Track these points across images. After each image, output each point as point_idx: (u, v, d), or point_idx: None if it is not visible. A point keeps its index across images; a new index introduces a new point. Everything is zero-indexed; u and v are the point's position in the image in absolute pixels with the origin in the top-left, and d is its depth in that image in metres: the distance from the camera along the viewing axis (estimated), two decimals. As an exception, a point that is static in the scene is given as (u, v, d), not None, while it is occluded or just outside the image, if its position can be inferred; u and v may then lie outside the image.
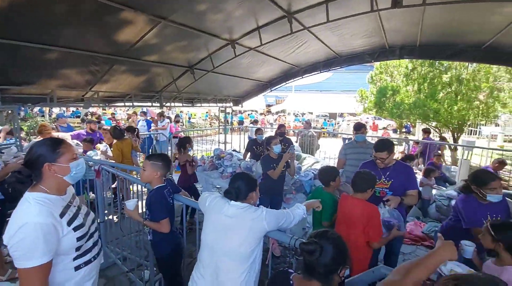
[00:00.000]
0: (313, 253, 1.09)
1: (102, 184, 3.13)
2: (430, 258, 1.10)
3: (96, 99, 4.63)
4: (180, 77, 5.21)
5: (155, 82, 5.28)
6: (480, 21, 3.60)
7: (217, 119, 17.11)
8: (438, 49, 4.95)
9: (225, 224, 1.56)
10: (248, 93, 7.83)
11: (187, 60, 4.76)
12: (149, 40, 3.54)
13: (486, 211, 2.13)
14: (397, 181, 2.54)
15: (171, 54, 4.34)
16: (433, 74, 8.35)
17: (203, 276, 1.61)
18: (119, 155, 4.39)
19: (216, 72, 5.33)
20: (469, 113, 8.20)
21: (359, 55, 5.61)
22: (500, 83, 8.22)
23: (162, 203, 2.00)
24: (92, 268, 1.41)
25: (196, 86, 5.93)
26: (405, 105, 8.66)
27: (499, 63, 4.85)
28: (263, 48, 4.69)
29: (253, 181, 1.71)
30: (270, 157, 3.41)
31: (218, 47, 4.48)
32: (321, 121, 20.33)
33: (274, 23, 3.79)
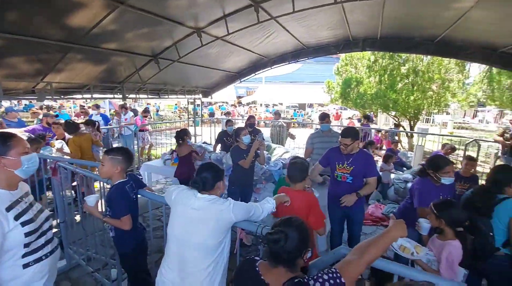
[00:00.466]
0: (279, 241, 1.11)
1: (60, 183, 2.92)
2: (383, 237, 1.21)
3: (49, 90, 4.22)
4: (144, 66, 4.94)
5: (116, 72, 4.95)
6: (433, 15, 3.87)
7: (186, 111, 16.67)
8: (396, 42, 5.25)
9: (192, 216, 1.54)
10: (217, 84, 7.69)
11: (150, 49, 4.53)
12: (107, 26, 3.29)
13: (438, 192, 2.36)
14: (358, 168, 2.70)
15: (133, 42, 4.09)
16: (393, 66, 8.89)
17: (171, 269, 1.60)
18: (77, 151, 4.10)
19: (182, 62, 5.14)
20: (424, 102, 8.90)
21: (325, 46, 5.77)
22: (450, 75, 8.99)
23: (122, 199, 1.94)
24: (44, 266, 1.36)
25: (162, 77, 5.69)
26: (367, 95, 9.15)
27: (449, 56, 5.29)
28: (231, 37, 4.61)
29: (219, 171, 1.70)
30: (239, 148, 3.43)
31: (183, 35, 4.30)
32: (291, 111, 20.73)
33: (241, 11, 3.73)
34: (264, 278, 1.14)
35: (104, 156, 1.99)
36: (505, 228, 2.01)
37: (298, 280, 1.07)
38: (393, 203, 5.00)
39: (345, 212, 2.85)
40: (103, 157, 2.00)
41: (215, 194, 1.62)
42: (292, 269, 1.14)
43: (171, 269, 1.60)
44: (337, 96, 10.79)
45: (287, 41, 5.34)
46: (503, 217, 2.00)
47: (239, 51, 5.49)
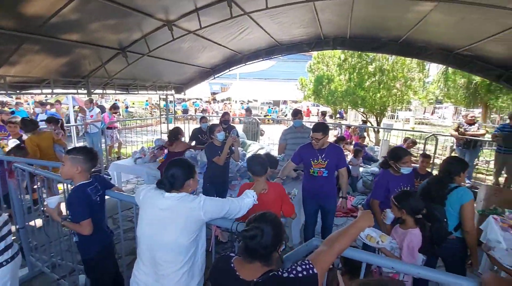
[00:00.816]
0: (255, 237, 1.12)
1: (18, 185, 2.68)
2: (352, 228, 1.28)
3: (2, 85, 3.85)
4: (110, 60, 4.68)
5: (80, 65, 4.63)
6: (397, 17, 4.10)
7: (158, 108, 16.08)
8: (364, 41, 5.50)
9: (160, 217, 1.48)
10: (191, 80, 7.51)
11: (117, 42, 4.29)
12: (67, 15, 3.05)
13: (399, 182, 2.54)
14: (331, 161, 2.82)
15: (98, 34, 3.84)
16: (361, 65, 9.32)
17: (144, 271, 1.55)
18: (36, 150, 3.78)
19: (153, 56, 4.94)
20: (389, 100, 9.45)
21: (298, 44, 5.87)
22: (412, 74, 9.63)
23: (82, 202, 1.82)
24: (5, 273, 1.25)
25: (131, 71, 5.42)
26: (338, 93, 9.51)
27: (411, 56, 5.63)
28: (204, 32, 4.52)
29: (190, 167, 1.59)
30: (214, 145, 3.40)
31: (153, 28, 4.13)
32: (265, 108, 20.89)
33: (214, 6, 3.66)
34: (240, 274, 1.15)
35: (64, 156, 1.88)
36: (456, 214, 2.21)
37: (272, 273, 1.10)
38: (361, 195, 5.28)
39: (320, 204, 3.00)
40: (64, 156, 1.89)
41: (185, 191, 1.56)
42: (268, 263, 1.15)
43: (144, 271, 1.55)
44: (310, 93, 11.08)
45: (260, 37, 5.35)
46: (455, 204, 2.20)
47: (212, 46, 5.40)
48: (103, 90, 5.75)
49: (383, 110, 9.99)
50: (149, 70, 5.89)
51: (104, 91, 5.87)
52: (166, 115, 7.31)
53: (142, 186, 1.71)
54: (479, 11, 3.11)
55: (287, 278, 1.07)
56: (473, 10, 3.16)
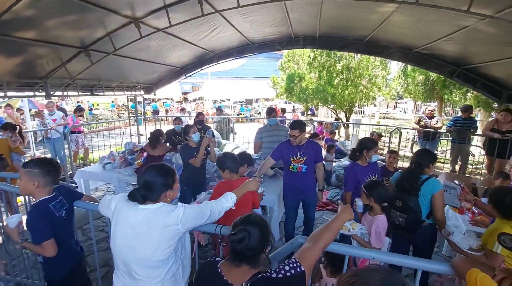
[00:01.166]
0: (243, 240, 1.11)
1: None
2: (334, 223, 1.33)
3: None
4: (72, 60, 4.33)
5: (37, 66, 4.23)
6: (362, 18, 4.30)
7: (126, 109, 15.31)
8: (333, 40, 5.71)
9: (133, 232, 1.36)
10: (160, 79, 7.23)
11: (79, 40, 3.99)
12: (21, 11, 2.77)
13: (366, 172, 2.75)
14: (309, 157, 2.93)
15: (56, 31, 3.54)
16: (330, 63, 9.66)
17: (123, 282, 1.46)
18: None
19: (119, 55, 4.67)
20: (356, 96, 9.92)
21: (270, 43, 5.92)
22: (376, 71, 10.19)
23: (43, 221, 1.63)
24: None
25: (95, 71, 5.08)
26: (309, 90, 9.78)
27: (375, 54, 5.96)
28: (173, 30, 4.37)
29: (169, 176, 1.43)
30: (189, 146, 3.32)
31: (118, 25, 3.89)
32: (238, 107, 20.82)
33: (184, 2, 3.55)
34: (227, 278, 1.13)
35: (20, 170, 1.70)
36: (428, 203, 2.39)
37: (261, 275, 1.09)
38: (335, 188, 5.49)
39: (301, 198, 3.10)
40: (20, 170, 1.71)
41: (163, 201, 1.43)
42: (255, 265, 1.14)
43: (123, 282, 1.46)
44: (282, 91, 11.25)
45: (232, 36, 5.31)
46: (427, 194, 2.37)
47: (183, 45, 5.25)
48: (65, 91, 5.32)
49: (351, 106, 10.47)
50: (115, 70, 5.57)
51: (66, 93, 5.43)
52: (135, 116, 6.96)
53: (107, 196, 1.61)
54: (436, 13, 3.37)
55: (276, 279, 1.08)
56: (430, 12, 3.41)
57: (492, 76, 5.18)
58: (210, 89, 19.32)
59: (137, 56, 5.12)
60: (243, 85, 21.17)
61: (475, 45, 4.15)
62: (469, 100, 8.93)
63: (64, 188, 1.88)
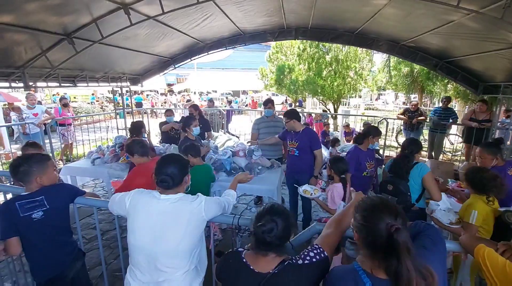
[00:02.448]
0: (272, 230, 1.13)
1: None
2: (350, 208, 1.36)
3: None
4: (53, 47, 4.06)
5: (13, 54, 3.93)
6: (355, 10, 4.34)
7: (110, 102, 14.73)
8: (324, 32, 5.73)
9: (157, 223, 1.38)
10: (148, 70, 6.98)
11: (62, 26, 3.73)
12: (-2, -7, 2.56)
13: (365, 156, 3.08)
14: (302, 143, 3.30)
15: (36, 16, 3.28)
16: (319, 55, 9.73)
17: (141, 280, 1.44)
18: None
19: (105, 43, 4.44)
20: (344, 88, 10.10)
21: (262, 33, 5.85)
22: (362, 64, 10.39)
23: (2, 217, 1.59)
24: None
25: (79, 61, 4.82)
26: (299, 82, 9.83)
27: (365, 46, 6.06)
28: (164, 17, 4.20)
29: (186, 162, 1.59)
30: (188, 139, 3.26)
31: (106, 11, 3.67)
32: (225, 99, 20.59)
33: (178, -11, 3.42)
34: (254, 267, 1.14)
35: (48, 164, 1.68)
36: (418, 186, 2.58)
37: (287, 262, 1.12)
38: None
39: (295, 178, 3.42)
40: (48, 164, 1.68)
41: (180, 190, 1.49)
42: (281, 253, 1.17)
43: (141, 280, 1.44)
44: (272, 82, 11.22)
45: (224, 25, 5.19)
46: (416, 178, 2.57)
47: (172, 34, 5.06)
48: (44, 82, 5.00)
49: (339, 97, 10.65)
50: (100, 60, 5.30)
51: (46, 85, 5.12)
52: (123, 109, 6.70)
53: (116, 195, 1.57)
54: (425, 7, 3.46)
55: (303, 265, 1.11)
56: (420, 6, 3.50)
57: (471, 69, 5.46)
58: (196, 81, 18.93)
59: (124, 45, 4.90)
60: (230, 76, 20.90)
61: (458, 39, 4.34)
62: (449, 91, 9.35)
63: (54, 188, 1.73)
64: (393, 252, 0.91)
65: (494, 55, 4.19)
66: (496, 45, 3.89)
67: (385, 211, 0.99)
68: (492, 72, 5.16)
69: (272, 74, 11.28)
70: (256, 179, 3.74)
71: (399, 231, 0.92)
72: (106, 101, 16.49)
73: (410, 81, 10.02)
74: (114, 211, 1.56)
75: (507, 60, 4.20)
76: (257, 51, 21.07)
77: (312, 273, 1.11)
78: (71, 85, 5.76)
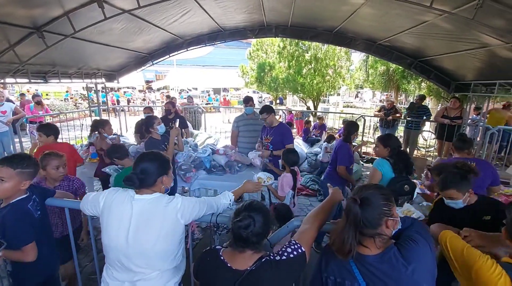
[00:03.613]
0: (249, 226, 1.13)
1: None
2: (327, 204, 1.41)
3: None
4: (22, 41, 3.81)
5: (-23, 48, 3.67)
6: (334, 9, 4.43)
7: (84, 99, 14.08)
8: (303, 30, 5.81)
9: (131, 224, 1.32)
10: (124, 66, 6.73)
11: (31, 19, 3.51)
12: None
13: (350, 152, 3.19)
14: (275, 137, 3.44)
15: (3, 9, 3.06)
16: (298, 53, 9.85)
17: (117, 278, 1.40)
18: None
19: (78, 38, 4.23)
20: (323, 86, 10.31)
21: (242, 30, 5.82)
22: (341, 62, 10.65)
23: (24, 223, 1.50)
24: None
25: (50, 56, 4.56)
26: (280, 80, 9.91)
27: (343, 45, 6.21)
28: (141, 12, 4.05)
29: (165, 162, 1.46)
30: (154, 139, 3.12)
31: (77, 4, 3.48)
32: (206, 96, 20.33)
33: (154, -17, 3.32)
34: (231, 265, 1.14)
35: (5, 171, 1.45)
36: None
37: (265, 259, 1.13)
38: (308, 174, 5.72)
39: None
40: (3, 171, 1.46)
41: (158, 190, 1.41)
42: (258, 250, 1.17)
43: (117, 278, 1.40)
44: (253, 80, 11.22)
45: (203, 21, 5.11)
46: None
47: (150, 29, 4.91)
48: (12, 78, 4.68)
49: (319, 95, 10.86)
50: (73, 55, 5.04)
51: (14, 81, 4.80)
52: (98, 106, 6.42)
53: (90, 193, 1.50)
54: (400, 7, 3.60)
55: (280, 261, 1.12)
56: (395, 6, 3.63)
57: (443, 68, 5.75)
58: (176, 78, 18.50)
59: (98, 39, 4.69)
60: (210, 74, 20.62)
61: (431, 39, 4.54)
62: (423, 89, 9.81)
63: (35, 187, 1.71)
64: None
65: (465, 55, 4.39)
66: (467, 45, 4.06)
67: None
68: (463, 71, 5.43)
69: (252, 72, 11.28)
70: (236, 177, 3.74)
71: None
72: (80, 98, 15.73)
73: (386, 80, 10.40)
74: (87, 211, 1.48)
75: (477, 59, 4.42)
76: (238, 48, 20.93)
77: (290, 268, 1.13)
78: (42, 81, 5.44)
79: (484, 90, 5.32)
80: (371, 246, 1.10)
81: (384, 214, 1.08)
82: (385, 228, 1.09)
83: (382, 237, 1.09)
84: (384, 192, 1.13)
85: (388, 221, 1.09)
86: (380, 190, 1.14)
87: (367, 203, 1.08)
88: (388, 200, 1.11)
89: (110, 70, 6.70)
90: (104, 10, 3.54)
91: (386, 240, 1.11)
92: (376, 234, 1.09)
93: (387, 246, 1.10)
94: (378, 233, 1.09)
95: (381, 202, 1.09)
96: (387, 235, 1.10)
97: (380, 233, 1.09)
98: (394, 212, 1.12)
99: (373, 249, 1.10)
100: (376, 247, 1.10)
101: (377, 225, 1.08)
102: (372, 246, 1.10)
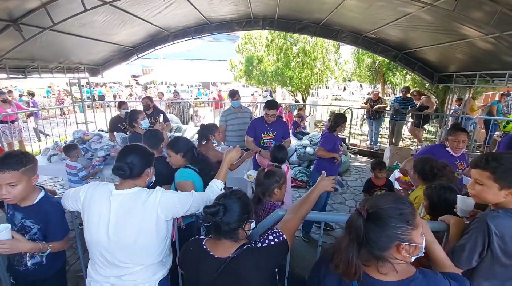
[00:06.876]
0: (216, 214, 1.13)
1: None
2: (311, 194, 1.42)
3: None
4: (-3, 35, 3.66)
5: (-52, 42, 3.49)
6: (319, 1, 4.42)
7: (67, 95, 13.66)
8: (290, 23, 5.79)
9: (112, 221, 1.31)
10: (108, 60, 6.55)
11: (6, 11, 3.35)
12: None
13: (336, 141, 3.18)
14: (278, 133, 3.28)
15: (-25, -1, 2.94)
16: (287, 46, 9.82)
17: (101, 274, 1.39)
18: None
19: (58, 30, 4.08)
20: (312, 79, 10.36)
21: (228, 23, 5.75)
22: (329, 55, 10.69)
23: (64, 213, 1.55)
24: None
25: (29, 50, 4.39)
26: (268, 73, 9.88)
27: (330, 37, 6.24)
28: (123, 3, 3.94)
29: (151, 154, 1.50)
30: (138, 134, 3.08)
31: (55, -6, 3.37)
32: (195, 91, 20.06)
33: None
34: (214, 253, 1.16)
35: (11, 175, 1.34)
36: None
37: (246, 246, 1.15)
38: (297, 166, 5.78)
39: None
40: (9, 176, 1.33)
41: (139, 184, 1.39)
42: (235, 240, 1.17)
43: (102, 274, 1.39)
44: (242, 73, 11.14)
45: (189, 13, 5.01)
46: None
47: (133, 21, 4.78)
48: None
49: (307, 88, 10.91)
50: (53, 48, 4.86)
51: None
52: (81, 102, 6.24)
53: (71, 189, 1.48)
54: (385, 0, 3.64)
55: (261, 248, 1.15)
56: (380, -2, 3.67)
57: (427, 60, 5.88)
58: (163, 72, 18.16)
59: (80, 32, 4.54)
60: (198, 67, 20.33)
61: (415, 31, 4.62)
62: (408, 81, 10.00)
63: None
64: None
65: (447, 47, 4.51)
66: (449, 37, 4.16)
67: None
68: (446, 63, 5.58)
69: (241, 65, 11.19)
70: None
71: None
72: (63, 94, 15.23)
73: (373, 72, 10.54)
74: (69, 206, 1.46)
75: (458, 51, 4.54)
76: (226, 41, 20.65)
77: (271, 255, 1.15)
78: (21, 77, 5.24)
79: (465, 81, 5.48)
80: (385, 269, 0.89)
81: (396, 238, 0.85)
82: (395, 253, 0.86)
83: (395, 262, 0.87)
84: (404, 211, 0.87)
85: (402, 246, 0.85)
86: (400, 206, 0.88)
87: (376, 220, 0.86)
88: (407, 222, 0.86)
89: (94, 64, 6.51)
90: (83, 1, 3.43)
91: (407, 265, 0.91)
92: (381, 257, 0.87)
93: (409, 275, 0.90)
94: (383, 257, 0.87)
95: (395, 224, 0.85)
96: (402, 261, 0.88)
97: (387, 257, 0.87)
98: (414, 236, 0.86)
99: (390, 273, 0.89)
100: (395, 271, 0.88)
101: (384, 248, 0.86)
102: (389, 269, 0.89)
